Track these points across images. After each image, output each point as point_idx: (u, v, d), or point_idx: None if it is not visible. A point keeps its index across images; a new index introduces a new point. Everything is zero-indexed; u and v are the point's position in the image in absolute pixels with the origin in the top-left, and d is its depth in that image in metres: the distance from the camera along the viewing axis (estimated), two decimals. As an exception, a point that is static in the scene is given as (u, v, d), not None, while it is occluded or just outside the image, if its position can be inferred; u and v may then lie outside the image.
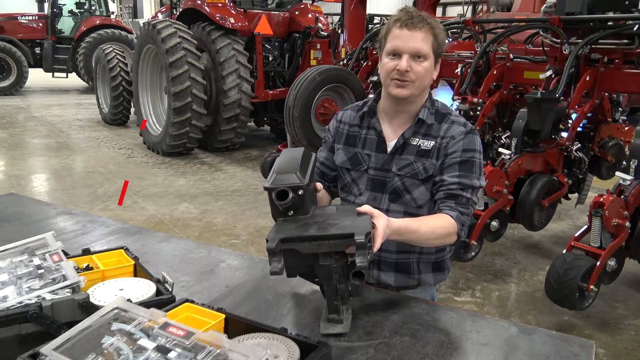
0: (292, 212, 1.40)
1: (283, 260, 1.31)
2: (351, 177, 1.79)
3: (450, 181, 1.64)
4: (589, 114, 4.11)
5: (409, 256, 1.76)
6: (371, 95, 1.91)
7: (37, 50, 14.36)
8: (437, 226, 1.58)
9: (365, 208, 1.42)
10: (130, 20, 16.85)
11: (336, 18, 8.00)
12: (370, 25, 7.33)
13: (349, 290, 1.42)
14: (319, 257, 1.36)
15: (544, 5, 4.30)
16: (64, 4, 14.55)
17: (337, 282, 1.39)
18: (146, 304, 1.24)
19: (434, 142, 1.68)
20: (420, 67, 1.60)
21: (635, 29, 3.63)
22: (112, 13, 16.42)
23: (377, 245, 1.35)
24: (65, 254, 1.56)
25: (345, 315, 1.46)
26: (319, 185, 1.65)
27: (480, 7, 9.76)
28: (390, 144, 1.72)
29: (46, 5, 14.43)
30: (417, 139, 1.69)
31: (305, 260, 1.38)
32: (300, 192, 1.38)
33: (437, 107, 1.74)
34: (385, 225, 1.39)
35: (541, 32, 4.40)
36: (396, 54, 1.61)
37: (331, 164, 1.85)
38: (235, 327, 1.31)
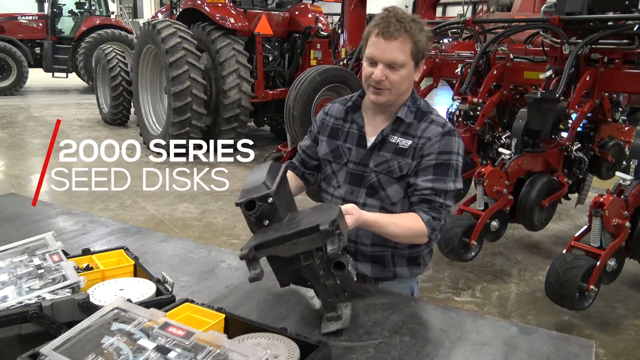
0: (267, 221, 1.42)
1: (260, 266, 1.34)
2: (332, 169, 1.83)
3: (424, 186, 1.65)
4: (589, 114, 4.10)
5: (383, 249, 1.80)
6: None
7: (37, 50, 14.35)
8: (406, 227, 1.64)
9: (344, 207, 1.51)
10: (130, 20, 16.84)
11: (336, 18, 7.99)
12: (370, 25, 7.31)
13: (339, 285, 1.43)
14: (300, 260, 1.38)
15: (544, 5, 4.29)
16: (64, 4, 14.52)
17: (324, 279, 1.40)
18: (146, 304, 1.24)
19: (411, 141, 1.69)
20: (396, 75, 1.62)
21: (635, 29, 3.62)
22: (112, 13, 16.41)
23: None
24: (65, 254, 1.56)
25: (345, 311, 1.46)
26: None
27: (480, 7, 9.75)
28: (370, 140, 1.75)
29: (46, 5, 14.41)
30: (396, 137, 1.71)
31: (292, 266, 1.41)
32: (270, 200, 1.40)
33: (418, 105, 1.74)
34: (355, 218, 1.51)
35: (541, 32, 4.39)
36: (373, 62, 1.63)
37: (312, 153, 1.90)
38: (235, 327, 1.31)
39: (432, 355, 1.36)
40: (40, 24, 14.36)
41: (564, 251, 3.27)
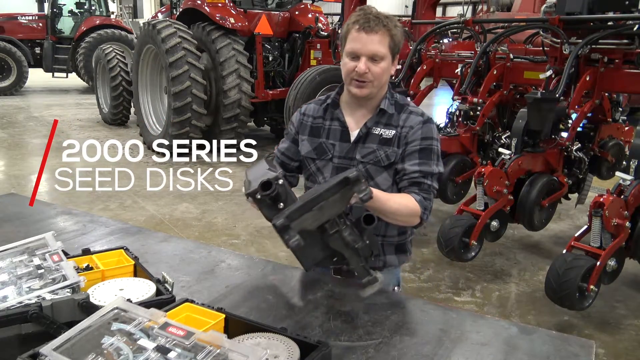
0: (282, 204, 1.44)
1: (297, 233, 1.34)
2: (316, 166, 1.87)
3: (412, 170, 1.75)
4: (589, 114, 4.10)
5: None
6: None
7: (37, 50, 14.35)
8: (403, 204, 1.70)
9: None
10: (130, 20, 16.84)
11: (336, 18, 8.00)
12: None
13: (368, 245, 1.45)
14: (326, 230, 1.40)
15: (544, 5, 4.29)
16: (64, 4, 14.52)
17: (353, 243, 1.42)
18: (146, 304, 1.24)
19: (394, 131, 1.78)
20: (377, 67, 1.70)
21: (635, 29, 3.62)
22: (112, 13, 16.40)
23: None
24: (65, 254, 1.56)
25: (377, 275, 1.49)
26: None
27: (480, 7, 9.77)
28: (354, 134, 1.81)
29: (46, 5, 14.40)
30: (379, 129, 1.79)
31: (317, 243, 1.43)
32: (280, 182, 1.43)
33: (396, 98, 1.84)
34: None
35: (541, 32, 4.39)
36: (355, 56, 1.69)
37: (291, 155, 1.94)
38: (235, 327, 1.31)
39: (432, 355, 1.36)
40: (40, 24, 14.35)
41: (564, 251, 3.27)
